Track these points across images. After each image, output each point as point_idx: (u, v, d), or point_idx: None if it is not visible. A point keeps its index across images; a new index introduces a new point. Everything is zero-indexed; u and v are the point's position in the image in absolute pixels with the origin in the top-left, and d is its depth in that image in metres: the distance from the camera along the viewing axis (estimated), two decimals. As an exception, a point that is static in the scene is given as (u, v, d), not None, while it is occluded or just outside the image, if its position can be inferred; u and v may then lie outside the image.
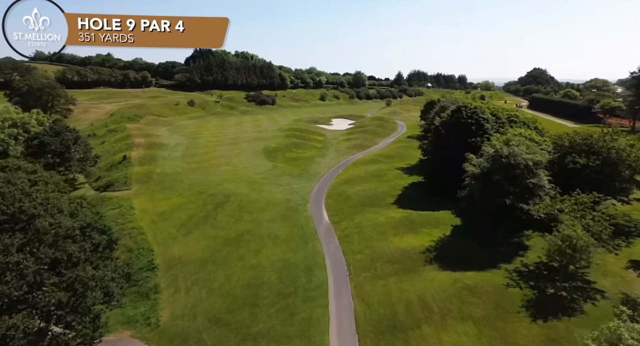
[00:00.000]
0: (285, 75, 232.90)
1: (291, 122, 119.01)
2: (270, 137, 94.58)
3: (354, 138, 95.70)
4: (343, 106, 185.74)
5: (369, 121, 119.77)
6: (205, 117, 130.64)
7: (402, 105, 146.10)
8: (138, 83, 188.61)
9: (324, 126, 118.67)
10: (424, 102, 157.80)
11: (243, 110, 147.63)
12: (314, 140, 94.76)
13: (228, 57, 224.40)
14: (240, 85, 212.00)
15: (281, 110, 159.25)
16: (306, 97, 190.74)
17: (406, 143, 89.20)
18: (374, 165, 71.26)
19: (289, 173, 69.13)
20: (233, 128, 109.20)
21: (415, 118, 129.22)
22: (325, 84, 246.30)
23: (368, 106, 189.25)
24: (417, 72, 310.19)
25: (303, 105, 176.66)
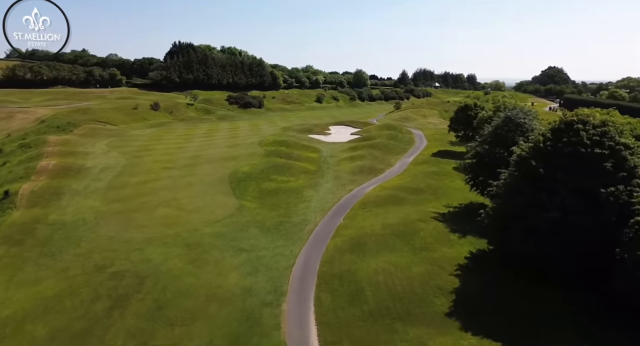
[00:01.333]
0: (278, 74, 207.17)
1: (278, 132, 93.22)
2: (245, 156, 68.70)
3: (359, 157, 69.86)
4: (343, 109, 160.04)
5: (377, 130, 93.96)
6: (170, 124, 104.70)
7: (415, 110, 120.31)
8: (105, 82, 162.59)
9: (320, 137, 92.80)
10: (438, 104, 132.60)
11: (222, 115, 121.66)
12: (305, 158, 68.91)
13: (213, 52, 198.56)
14: (225, 85, 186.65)
15: (269, 115, 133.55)
16: (300, 98, 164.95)
17: (434, 165, 63.47)
18: (396, 208, 45.40)
19: (260, 222, 43.23)
20: (199, 141, 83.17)
21: (434, 126, 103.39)
22: (322, 83, 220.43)
23: (372, 109, 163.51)
24: (423, 70, 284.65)
25: (296, 109, 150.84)
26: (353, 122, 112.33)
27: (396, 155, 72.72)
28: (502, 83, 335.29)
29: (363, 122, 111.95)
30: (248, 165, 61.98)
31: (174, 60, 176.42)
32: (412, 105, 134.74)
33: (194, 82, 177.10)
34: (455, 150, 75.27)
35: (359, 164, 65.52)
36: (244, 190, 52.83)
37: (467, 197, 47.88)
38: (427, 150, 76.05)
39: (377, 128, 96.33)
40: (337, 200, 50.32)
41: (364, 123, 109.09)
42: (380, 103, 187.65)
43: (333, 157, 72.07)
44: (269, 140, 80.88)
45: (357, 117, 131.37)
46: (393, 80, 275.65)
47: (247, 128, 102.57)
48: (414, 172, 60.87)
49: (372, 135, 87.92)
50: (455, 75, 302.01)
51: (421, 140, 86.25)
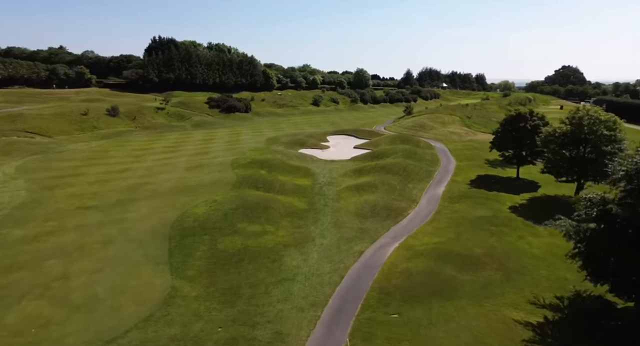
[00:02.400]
0: (271, 73, 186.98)
1: (261, 146, 72.99)
2: (207, 185, 48.37)
3: (368, 186, 49.48)
4: (343, 113, 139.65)
5: (388, 143, 73.73)
6: (129, 134, 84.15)
7: (431, 115, 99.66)
8: (72, 81, 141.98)
9: (315, 152, 72.51)
10: (457, 109, 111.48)
11: (197, 122, 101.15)
12: (292, 189, 48.57)
13: (198, 49, 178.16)
14: (212, 85, 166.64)
15: (256, 121, 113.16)
16: (295, 100, 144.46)
17: (481, 203, 43.15)
18: (444, 309, 25.02)
19: (197, 344, 22.89)
20: (154, 160, 62.59)
21: (458, 137, 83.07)
22: (320, 84, 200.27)
23: (376, 113, 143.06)
24: (429, 70, 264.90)
25: (289, 113, 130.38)
26: (356, 130, 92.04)
27: (419, 183, 52.33)
28: (511, 83, 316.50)
29: (368, 130, 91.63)
30: (206, 204, 41.64)
31: (152, 58, 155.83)
32: (425, 109, 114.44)
33: (176, 82, 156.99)
34: (500, 175, 55.07)
35: (370, 199, 45.11)
36: (188, 255, 32.46)
37: (563, 280, 27.62)
38: (461, 175, 55.67)
39: (387, 141, 75.98)
40: (339, 278, 29.89)
41: (370, 133, 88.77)
42: (384, 106, 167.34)
43: (332, 185, 51.71)
44: (246, 158, 60.52)
45: (361, 123, 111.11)
46: (396, 80, 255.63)
47: (224, 139, 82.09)
48: (454, 216, 40.47)
49: (382, 150, 67.59)
50: (463, 75, 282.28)
51: (447, 159, 65.90)
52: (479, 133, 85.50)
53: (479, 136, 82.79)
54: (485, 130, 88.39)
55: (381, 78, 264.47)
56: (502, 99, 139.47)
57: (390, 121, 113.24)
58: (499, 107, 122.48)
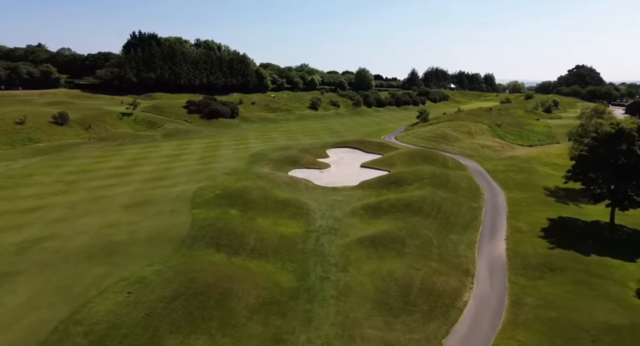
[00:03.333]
0: (265, 73, 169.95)
1: (242, 165, 55.78)
2: (144, 240, 31.19)
3: (390, 241, 32.29)
4: (345, 119, 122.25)
5: (408, 163, 56.54)
6: (77, 148, 66.64)
7: (453, 123, 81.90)
8: (37, 82, 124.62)
9: (311, 174, 55.20)
10: (482, 115, 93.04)
11: (170, 131, 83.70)
12: (273, 247, 31.36)
13: (184, 46, 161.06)
14: (198, 86, 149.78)
15: (242, 129, 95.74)
16: (290, 103, 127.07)
17: (582, 281, 25.90)
18: None
19: None
20: (86, 189, 45.01)
21: (494, 152, 65.78)
22: (319, 84, 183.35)
23: (383, 119, 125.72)
24: (435, 69, 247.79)
25: (282, 118, 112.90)
26: (362, 142, 74.81)
27: (465, 233, 35.10)
28: (521, 84, 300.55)
29: (377, 142, 74.33)
30: (122, 289, 24.44)
31: (130, 55, 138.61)
32: (443, 114, 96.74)
33: (157, 82, 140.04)
34: (581, 218, 37.73)
35: (397, 271, 27.91)
36: None
37: None
38: (522, 217, 38.34)
39: (405, 158, 58.75)
40: None
41: (380, 146, 71.51)
42: (390, 109, 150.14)
43: (335, 234, 34.57)
44: (215, 188, 43.32)
45: (366, 132, 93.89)
46: (400, 81, 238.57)
47: (196, 155, 64.70)
48: (551, 317, 23.12)
49: (401, 174, 50.32)
50: (471, 75, 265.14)
51: (490, 186, 48.59)
52: (517, 147, 68.46)
53: (519, 151, 65.73)
54: (523, 142, 71.48)
55: (384, 78, 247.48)
56: (525, 102, 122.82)
57: (402, 129, 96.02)
58: (524, 111, 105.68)
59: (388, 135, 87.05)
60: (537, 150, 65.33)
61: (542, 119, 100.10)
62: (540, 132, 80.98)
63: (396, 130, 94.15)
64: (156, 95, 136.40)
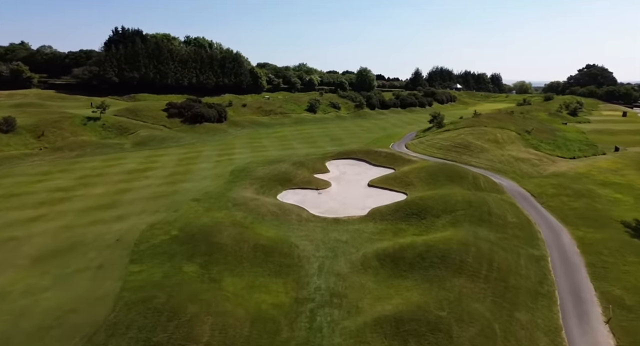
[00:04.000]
0: (260, 72, 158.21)
1: (219, 185, 43.82)
2: (28, 335, 19.12)
3: (423, 326, 20.36)
4: (347, 122, 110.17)
5: (429, 182, 44.54)
6: (18, 161, 54.49)
7: (473, 130, 69.55)
8: (7, 81, 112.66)
9: (305, 197, 43.09)
10: (507, 119, 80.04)
11: (144, 139, 71.59)
12: (238, 340, 19.38)
13: (172, 43, 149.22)
14: (187, 86, 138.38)
15: (230, 136, 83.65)
16: (285, 106, 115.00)
17: None
18: None
19: None
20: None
21: (531, 167, 53.64)
22: (318, 85, 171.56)
23: (388, 122, 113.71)
24: (439, 69, 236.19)
25: (276, 122, 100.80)
26: (368, 152, 62.76)
27: (537, 311, 23.11)
28: (528, 84, 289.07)
29: (387, 153, 62.22)
30: None
31: (111, 53, 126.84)
32: (460, 119, 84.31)
33: (141, 82, 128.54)
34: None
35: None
36: None
37: None
38: (608, 276, 26.34)
39: (425, 176, 46.69)
40: None
41: (390, 157, 59.46)
42: (395, 111, 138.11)
43: (338, 305, 22.57)
44: (174, 225, 31.35)
45: (372, 138, 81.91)
46: (403, 81, 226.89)
47: (165, 170, 52.60)
48: None
49: (423, 200, 38.24)
50: (478, 75, 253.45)
51: (541, 217, 36.45)
52: (557, 160, 56.38)
53: (561, 165, 53.67)
54: (562, 153, 59.50)
55: (386, 78, 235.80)
56: (546, 104, 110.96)
57: (411, 135, 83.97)
58: (548, 114, 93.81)
59: (397, 143, 75.05)
60: (583, 163, 53.28)
61: (569, 123, 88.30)
62: (576, 139, 69.07)
63: (405, 137, 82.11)
64: (140, 96, 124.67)
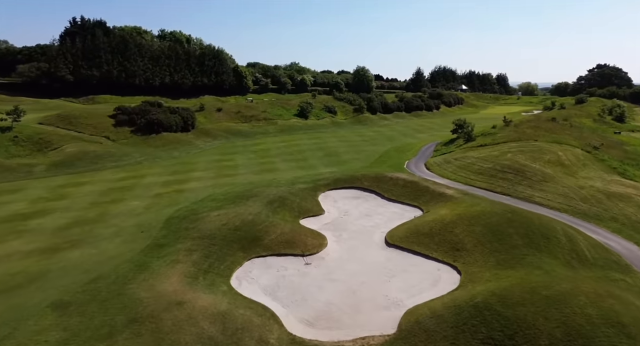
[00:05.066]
0: (245, 71, 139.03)
1: (129, 260, 24.96)
2: None
3: None
4: (345, 131, 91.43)
5: (492, 249, 26.03)
6: None
7: (526, 146, 50.67)
8: None
9: (281, 277, 24.34)
10: (559, 130, 59.53)
11: (68, 157, 52.22)
12: None
13: (143, 37, 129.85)
14: (159, 86, 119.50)
15: (194, 151, 64.30)
16: (271, 110, 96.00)
17: None
18: None
19: None
20: None
21: (637, 206, 35.00)
22: (311, 85, 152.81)
23: (394, 130, 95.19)
24: (442, 69, 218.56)
25: (259, 131, 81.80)
26: (379, 178, 44.12)
27: None
28: (534, 85, 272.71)
29: (406, 179, 43.41)
30: None
31: (66, 47, 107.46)
32: (493, 128, 64.39)
33: (102, 81, 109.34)
34: None
35: None
36: None
37: None
38: None
39: (481, 233, 28.13)
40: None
41: (412, 187, 40.82)
42: (400, 116, 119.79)
43: None
44: None
45: (377, 152, 63.31)
46: (403, 82, 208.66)
47: (66, 216, 33.64)
48: None
49: (506, 302, 19.76)
50: (483, 76, 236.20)
51: None
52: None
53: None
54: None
55: (385, 79, 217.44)
56: (580, 108, 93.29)
57: (429, 148, 65.45)
58: (592, 120, 76.07)
59: (413, 161, 56.53)
60: None
61: (622, 132, 70.56)
62: (654, 157, 51.11)
63: (421, 152, 63.56)
64: (100, 98, 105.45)
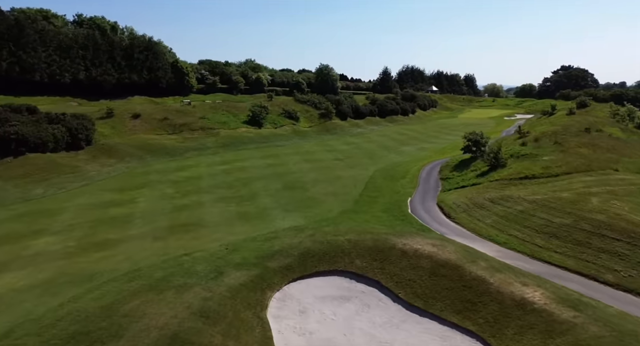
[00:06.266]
0: (186, 67, 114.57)
1: None
2: None
3: None
4: (310, 144, 70.58)
5: None
6: None
7: (601, 180, 32.41)
8: None
9: None
10: (605, 143, 41.25)
11: None
12: None
13: (50, 22, 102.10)
14: (70, 84, 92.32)
15: (78, 182, 40.89)
16: (212, 116, 73.03)
17: None
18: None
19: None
20: None
21: None
22: (268, 85, 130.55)
23: (373, 141, 75.58)
24: (410, 68, 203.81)
25: (192, 146, 59.07)
26: (380, 248, 23.90)
27: None
28: (499, 86, 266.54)
29: (432, 256, 23.56)
30: None
31: None
32: (536, 145, 45.40)
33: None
34: None
35: None
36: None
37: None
38: None
39: None
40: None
41: (450, 277, 21.10)
42: (374, 122, 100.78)
43: None
44: None
45: (360, 178, 43.13)
46: (369, 82, 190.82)
47: None
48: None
49: None
50: (451, 76, 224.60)
51: None
52: None
53: None
54: None
55: (350, 79, 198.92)
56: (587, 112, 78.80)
57: (432, 173, 46.19)
58: (619, 130, 60.70)
59: (419, 198, 36.93)
60: None
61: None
62: None
63: (422, 178, 44.11)
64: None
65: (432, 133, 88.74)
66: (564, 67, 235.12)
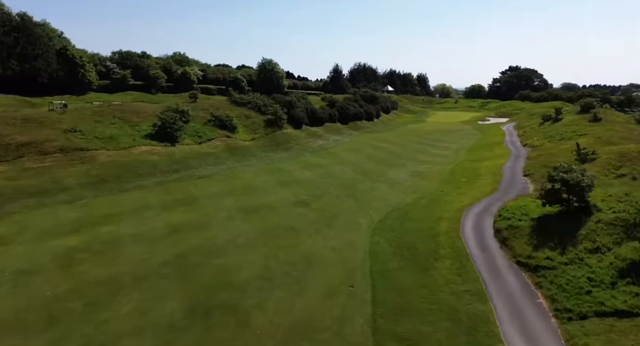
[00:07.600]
0: (82, 56, 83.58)
1: None
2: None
3: None
4: (253, 173, 46.33)
5: None
6: None
7: None
8: None
9: None
10: None
11: None
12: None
13: None
14: None
15: None
16: (89, 127, 46.10)
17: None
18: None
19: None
20: None
21: None
22: (198, 82, 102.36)
23: (348, 164, 52.89)
24: (362, 66, 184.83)
25: (34, 189, 32.74)
26: None
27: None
28: (448, 86, 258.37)
29: None
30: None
31: None
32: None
33: None
34: None
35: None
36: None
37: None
38: None
39: None
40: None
41: None
42: (335, 130, 78.31)
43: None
44: None
45: (365, 273, 20.47)
46: (316, 81, 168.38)
47: None
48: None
49: None
50: (404, 76, 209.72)
51: None
52: None
53: None
54: None
55: (297, 77, 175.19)
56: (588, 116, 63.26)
57: (488, 233, 24.76)
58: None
59: None
60: None
61: None
62: None
63: (479, 261, 22.45)
64: None
65: (413, 146, 68.38)
66: (512, 67, 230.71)
